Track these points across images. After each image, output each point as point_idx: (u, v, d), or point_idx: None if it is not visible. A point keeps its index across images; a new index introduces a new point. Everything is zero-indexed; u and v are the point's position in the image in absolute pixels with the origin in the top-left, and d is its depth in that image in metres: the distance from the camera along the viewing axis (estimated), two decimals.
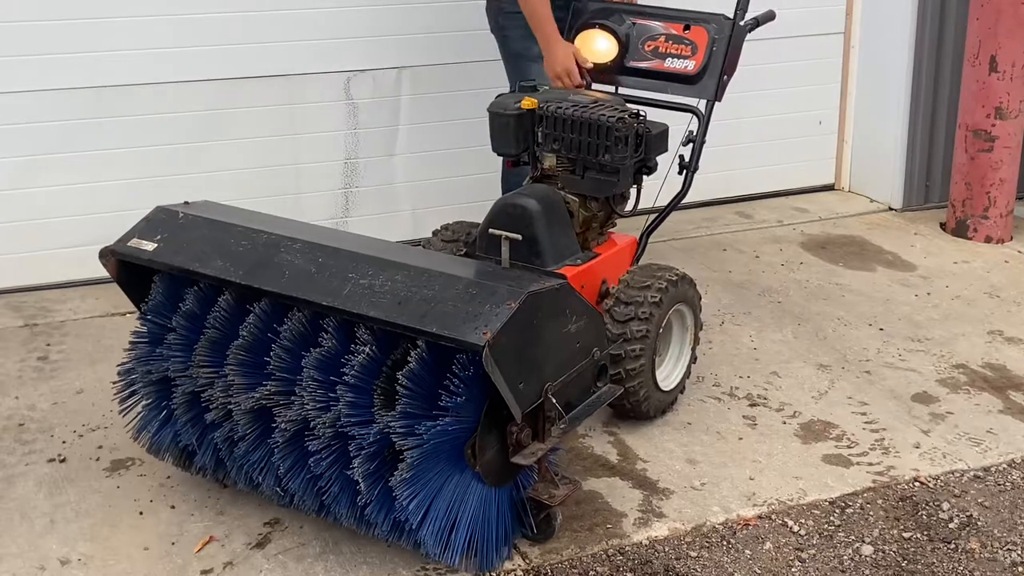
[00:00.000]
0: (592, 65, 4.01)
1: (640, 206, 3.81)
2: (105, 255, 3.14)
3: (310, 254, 2.92)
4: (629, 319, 3.38)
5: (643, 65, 3.93)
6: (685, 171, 3.88)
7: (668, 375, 3.65)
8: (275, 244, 2.98)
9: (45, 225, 4.51)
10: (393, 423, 2.69)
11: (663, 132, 3.66)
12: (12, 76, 4.33)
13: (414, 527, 2.74)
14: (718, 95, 3.87)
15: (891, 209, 5.70)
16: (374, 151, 4.98)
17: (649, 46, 3.92)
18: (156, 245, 3.07)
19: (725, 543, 3.07)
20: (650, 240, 3.99)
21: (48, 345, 4.11)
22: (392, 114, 4.97)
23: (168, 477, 3.27)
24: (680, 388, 3.71)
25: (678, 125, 3.90)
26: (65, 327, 4.26)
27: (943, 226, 5.45)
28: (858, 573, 2.97)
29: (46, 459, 3.37)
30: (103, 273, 3.21)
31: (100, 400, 3.63)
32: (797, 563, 3.01)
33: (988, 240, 5.26)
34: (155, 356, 3.09)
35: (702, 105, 3.94)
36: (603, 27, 3.94)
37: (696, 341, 3.73)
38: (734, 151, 5.45)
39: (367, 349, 2.76)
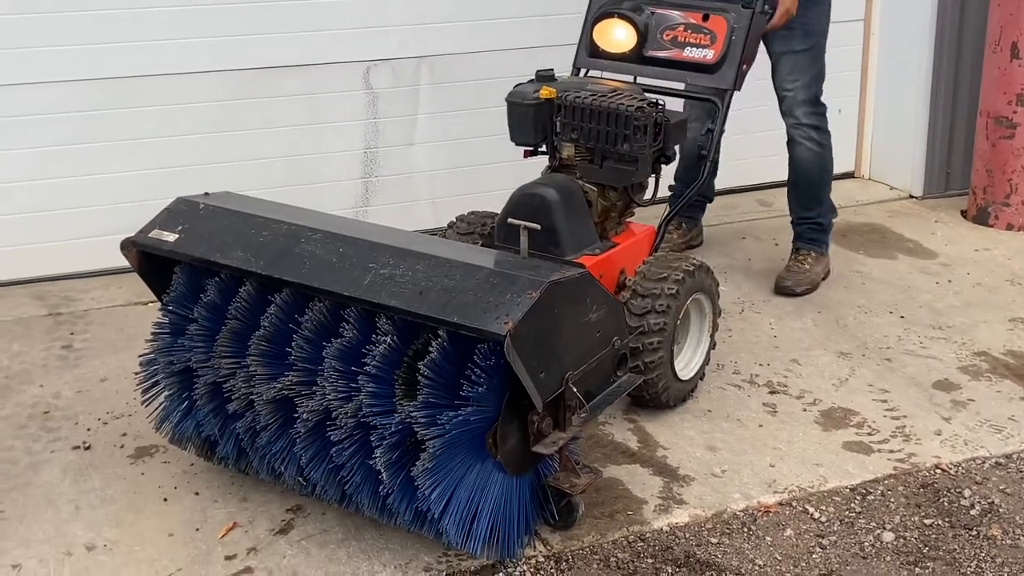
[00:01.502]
0: None
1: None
2: (126, 246, 3.16)
3: (331, 244, 2.92)
4: (646, 312, 3.38)
5: (662, 54, 3.90)
6: (703, 160, 3.87)
7: (687, 364, 3.65)
8: (295, 234, 2.98)
9: (68, 215, 4.54)
10: (415, 413, 2.69)
11: (682, 122, 3.66)
12: (34, 67, 4.36)
13: (436, 516, 2.74)
14: (737, 84, 3.84)
15: (911, 197, 5.68)
16: (393, 140, 5.00)
17: (668, 35, 3.88)
18: (177, 236, 3.08)
19: (746, 530, 3.08)
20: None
21: (72, 334, 4.15)
22: (411, 103, 4.98)
23: (191, 464, 3.29)
24: (699, 376, 3.71)
25: None
26: (89, 316, 4.29)
27: (964, 213, 5.43)
28: (879, 560, 2.98)
29: (71, 446, 3.40)
30: (126, 262, 3.22)
31: (124, 388, 3.66)
32: (818, 550, 3.01)
33: (1009, 227, 5.24)
34: (177, 347, 3.10)
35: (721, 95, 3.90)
36: (622, 16, 3.92)
37: (715, 328, 3.72)
38: (753, 139, 5.43)
39: (388, 339, 2.76)
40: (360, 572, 2.87)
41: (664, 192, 3.82)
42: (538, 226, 3.28)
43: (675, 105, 3.91)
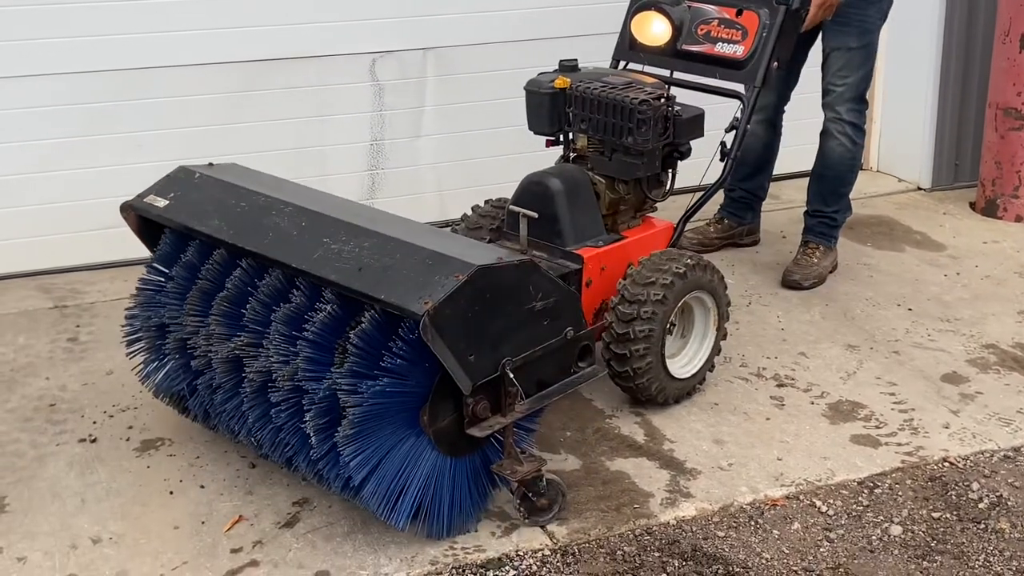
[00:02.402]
0: None
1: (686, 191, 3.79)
2: (125, 209, 3.32)
3: (296, 218, 3.02)
4: (632, 319, 3.34)
5: (695, 49, 3.88)
6: (726, 158, 3.81)
7: (687, 363, 3.61)
8: (268, 207, 3.10)
9: (74, 207, 4.54)
10: (340, 380, 2.74)
11: (696, 117, 3.61)
12: (40, 59, 4.36)
13: (356, 485, 2.78)
14: (765, 82, 3.78)
15: (920, 189, 5.65)
16: (400, 133, 4.99)
17: (702, 30, 3.86)
18: (168, 202, 3.24)
19: (753, 523, 3.07)
20: (698, 220, 3.98)
21: (78, 327, 4.14)
22: (417, 95, 4.97)
23: (197, 457, 3.29)
24: (701, 377, 3.65)
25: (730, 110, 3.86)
26: (95, 308, 4.29)
27: (972, 205, 5.40)
28: (887, 553, 2.96)
29: (77, 439, 3.40)
30: (132, 255, 3.28)
31: (130, 381, 3.65)
32: (825, 543, 3.00)
33: (1018, 219, 5.21)
34: (155, 303, 3.26)
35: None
36: (659, 9, 3.91)
37: (723, 321, 3.65)
38: None
39: (330, 308, 2.82)
40: (366, 565, 2.86)
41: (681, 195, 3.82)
42: (535, 214, 3.29)
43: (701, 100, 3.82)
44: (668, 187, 3.74)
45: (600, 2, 4.78)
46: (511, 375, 2.81)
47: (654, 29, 3.93)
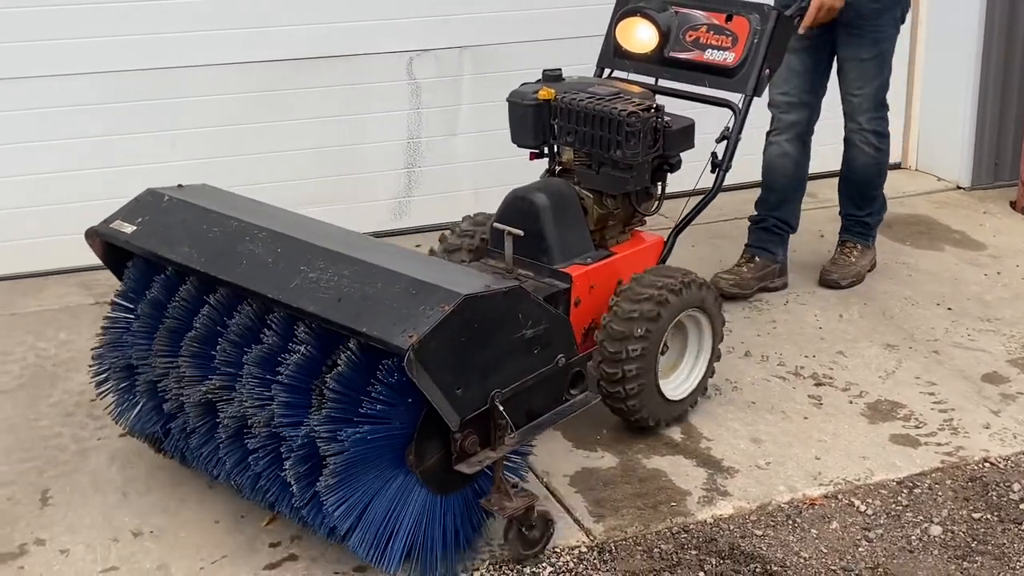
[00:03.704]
0: None
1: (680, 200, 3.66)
2: (91, 235, 3.14)
3: (272, 244, 2.86)
4: (625, 337, 3.19)
5: (683, 56, 3.71)
6: (717, 170, 3.64)
7: (680, 384, 3.46)
8: (242, 232, 2.93)
9: (115, 204, 4.55)
10: (319, 427, 2.59)
11: (686, 128, 3.47)
12: (80, 58, 4.40)
13: (343, 535, 2.65)
14: (756, 90, 3.62)
15: (959, 188, 5.61)
16: (436, 131, 5.00)
17: (690, 36, 3.70)
18: (135, 228, 3.07)
19: (791, 522, 3.05)
20: (714, 219, 3.95)
21: None
22: (454, 94, 4.98)
23: None
24: (693, 400, 3.50)
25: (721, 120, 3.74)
26: None
27: (1013, 205, 5.35)
28: (926, 553, 2.94)
29: (118, 434, 3.42)
30: None
31: None
32: (864, 543, 2.98)
33: None
34: (121, 343, 3.09)
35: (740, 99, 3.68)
36: (644, 15, 3.73)
37: (715, 347, 3.49)
38: None
39: (303, 348, 2.67)
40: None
41: (670, 201, 3.66)
42: (521, 232, 3.19)
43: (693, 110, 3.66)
44: (658, 201, 3.60)
45: None
46: (501, 408, 2.68)
47: (640, 35, 3.76)
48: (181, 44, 4.53)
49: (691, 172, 3.67)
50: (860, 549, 2.96)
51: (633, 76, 3.82)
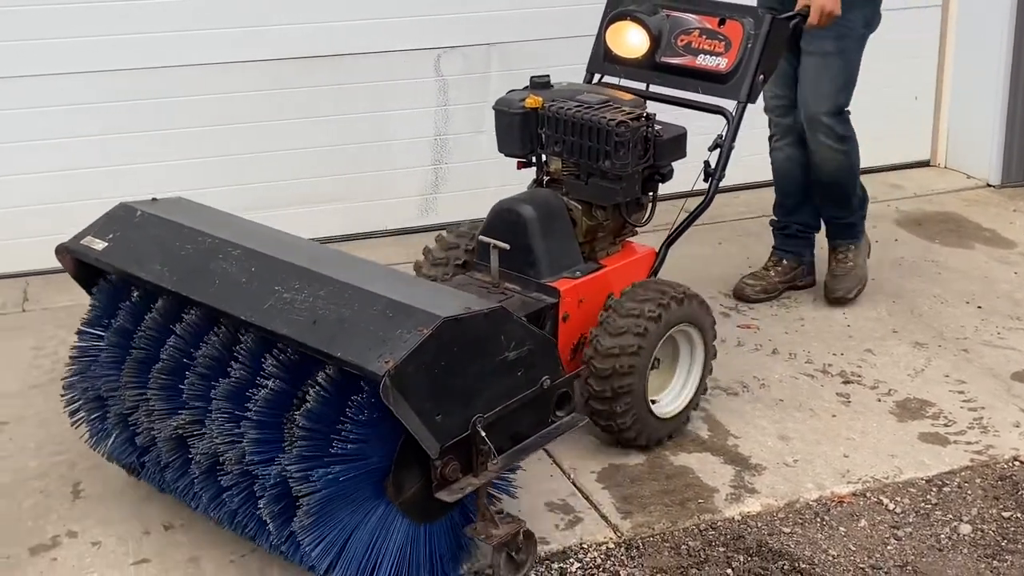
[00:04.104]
0: None
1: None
2: (61, 252, 3.05)
3: (246, 262, 2.76)
4: (614, 354, 3.09)
5: (674, 61, 3.56)
6: (710, 179, 3.49)
7: (672, 401, 3.36)
8: (215, 249, 2.82)
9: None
10: (290, 466, 2.50)
11: (677, 137, 3.35)
12: (110, 56, 4.44)
13: (323, 573, 2.56)
14: (750, 97, 3.48)
15: (989, 185, 5.56)
16: (463, 127, 5.01)
17: (682, 41, 3.55)
18: (106, 244, 2.96)
19: (819, 520, 3.05)
20: (744, 216, 3.93)
21: None
22: (481, 90, 4.98)
23: None
24: (685, 417, 3.40)
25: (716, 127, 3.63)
26: None
27: None
28: (956, 552, 2.93)
29: None
30: None
31: None
32: (893, 541, 2.97)
33: None
34: (90, 375, 3.00)
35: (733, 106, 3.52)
36: (635, 18, 3.59)
37: (707, 362, 3.39)
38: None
39: (272, 382, 2.57)
40: None
41: (660, 212, 3.52)
42: (507, 245, 3.11)
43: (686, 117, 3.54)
44: (650, 211, 3.48)
45: None
46: (483, 433, 2.58)
47: (630, 40, 3.62)
48: (215, 41, 4.55)
49: (689, 173, 3.54)
50: (889, 547, 2.95)
51: (624, 82, 3.70)
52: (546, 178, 3.48)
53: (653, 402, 3.27)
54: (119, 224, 3.02)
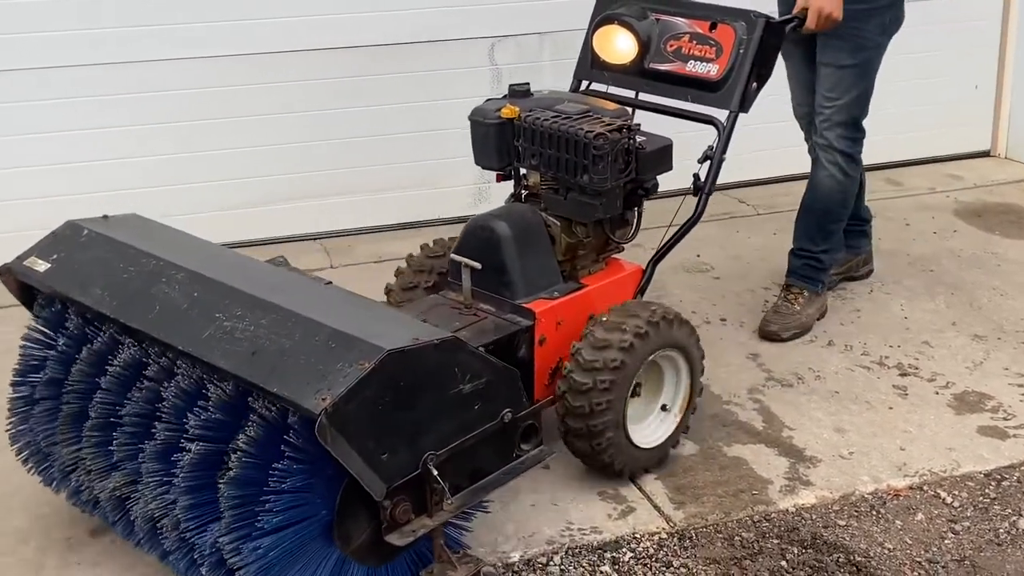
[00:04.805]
0: None
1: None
2: (3, 273, 2.88)
3: (188, 287, 2.58)
4: (588, 389, 2.89)
5: (664, 68, 3.37)
6: (700, 193, 3.28)
7: (657, 428, 3.15)
8: (159, 273, 2.65)
9: (199, 187, 4.66)
10: (221, 538, 2.33)
11: (661, 149, 3.15)
12: (180, 44, 4.48)
13: None
14: (743, 106, 3.27)
15: None
16: None
17: (672, 46, 3.36)
18: (49, 266, 2.79)
19: (875, 513, 3.02)
20: (795, 208, 3.86)
21: None
22: (534, 79, 4.92)
23: None
24: (675, 440, 3.19)
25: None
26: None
27: None
28: (1015, 547, 2.89)
29: None
30: (265, 234, 3.18)
31: None
32: (950, 535, 2.93)
33: None
34: (27, 430, 2.84)
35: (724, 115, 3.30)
36: (623, 22, 3.39)
37: (694, 386, 3.16)
38: (883, 116, 5.25)
39: (196, 446, 2.38)
40: (484, 543, 2.88)
41: (646, 228, 3.34)
42: (478, 265, 2.95)
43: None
44: (635, 227, 3.27)
45: None
46: (435, 472, 2.43)
47: (618, 45, 3.43)
48: (274, 31, 4.59)
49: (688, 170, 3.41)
50: (946, 541, 2.91)
51: (613, 89, 3.52)
52: (524, 192, 3.32)
53: (634, 432, 3.05)
54: (64, 244, 2.84)
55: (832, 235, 4.01)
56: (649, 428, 3.13)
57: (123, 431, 2.55)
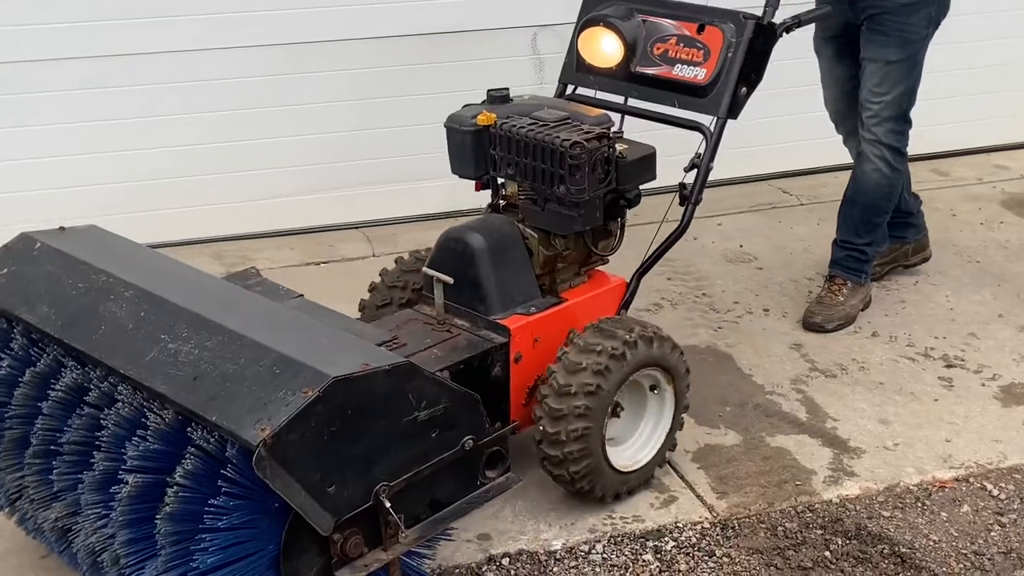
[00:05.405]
0: None
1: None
2: None
3: (136, 306, 2.47)
4: (563, 415, 2.77)
5: (650, 71, 3.24)
6: (686, 203, 3.14)
7: (639, 450, 3.02)
8: (108, 290, 2.53)
9: (245, 176, 4.69)
10: (158, 575, 2.22)
11: (643, 158, 3.01)
12: (213, 34, 4.51)
13: None
14: (731, 112, 3.13)
15: None
16: None
17: (658, 49, 3.23)
18: None
19: (920, 504, 2.99)
20: (838, 198, 3.82)
21: None
22: None
23: None
24: (661, 459, 3.05)
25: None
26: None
27: None
28: None
29: None
30: (299, 224, 3.18)
31: None
32: (997, 527, 2.91)
33: None
34: None
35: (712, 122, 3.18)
36: (608, 24, 3.27)
37: (679, 404, 3.03)
38: (929, 105, 5.18)
39: (133, 479, 2.26)
40: (526, 530, 2.90)
41: (632, 239, 3.22)
42: (450, 279, 2.85)
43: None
44: (618, 238, 3.15)
45: None
46: (387, 504, 2.32)
47: (603, 48, 3.31)
48: (311, 20, 4.60)
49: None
50: (992, 533, 2.89)
51: (600, 94, 3.41)
52: (502, 203, 3.20)
53: (614, 455, 2.93)
54: (16, 258, 2.71)
55: (877, 228, 3.99)
56: (631, 449, 3.01)
57: (63, 460, 2.44)
